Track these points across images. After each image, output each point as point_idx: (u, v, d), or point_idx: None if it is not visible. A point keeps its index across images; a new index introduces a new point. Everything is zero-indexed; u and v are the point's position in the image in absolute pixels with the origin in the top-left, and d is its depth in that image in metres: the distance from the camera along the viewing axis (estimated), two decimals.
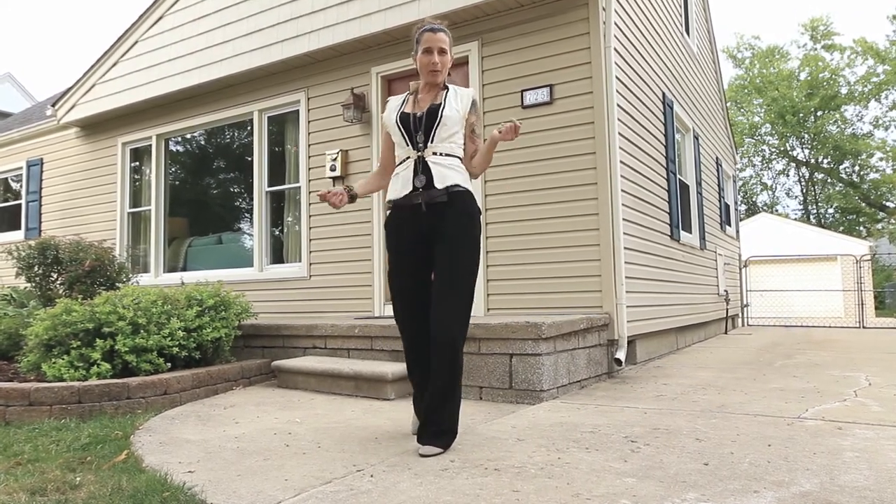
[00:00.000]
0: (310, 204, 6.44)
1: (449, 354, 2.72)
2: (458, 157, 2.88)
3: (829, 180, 35.13)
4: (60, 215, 8.78)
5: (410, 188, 2.82)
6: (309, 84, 6.54)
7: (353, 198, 2.94)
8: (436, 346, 2.75)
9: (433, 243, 2.80)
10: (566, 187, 5.03)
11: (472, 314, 2.83)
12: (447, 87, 2.94)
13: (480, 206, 5.35)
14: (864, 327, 12.75)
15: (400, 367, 4.21)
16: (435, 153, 2.83)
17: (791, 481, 2.24)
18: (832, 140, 33.19)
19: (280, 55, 6.40)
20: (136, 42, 7.63)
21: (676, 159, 7.10)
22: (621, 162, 5.04)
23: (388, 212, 2.99)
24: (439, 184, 2.79)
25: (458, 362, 2.77)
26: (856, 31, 53.34)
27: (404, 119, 2.88)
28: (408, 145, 2.86)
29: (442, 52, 2.86)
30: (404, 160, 2.89)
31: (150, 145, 7.89)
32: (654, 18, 6.64)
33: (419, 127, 2.83)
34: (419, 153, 2.83)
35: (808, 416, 3.33)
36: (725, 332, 9.73)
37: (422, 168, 2.81)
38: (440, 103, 2.86)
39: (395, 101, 3.03)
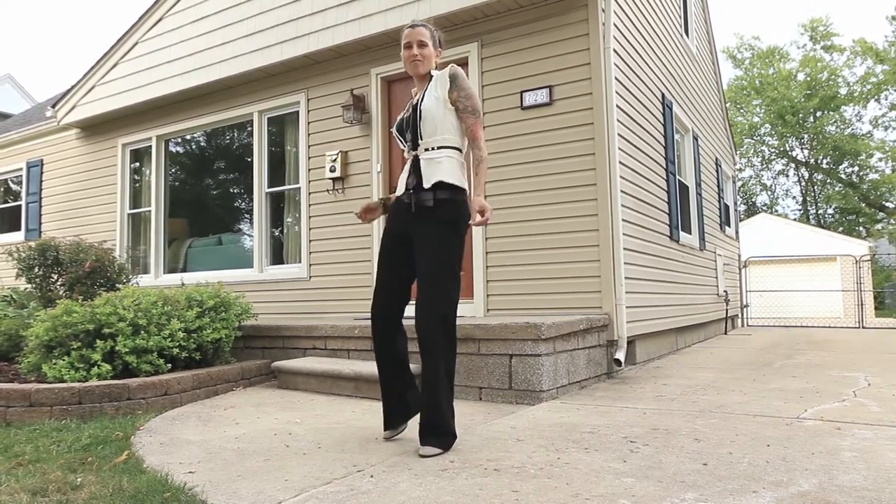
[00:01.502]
0: (310, 205, 6.44)
1: (433, 351, 2.72)
2: (452, 147, 2.83)
3: (828, 181, 35.15)
4: (60, 216, 8.79)
5: (405, 188, 2.88)
6: (309, 85, 6.55)
7: (388, 208, 3.06)
8: (421, 344, 2.77)
9: (416, 241, 2.83)
10: (566, 188, 5.04)
11: (470, 314, 2.84)
12: (431, 77, 2.93)
13: None
14: (863, 327, 12.76)
15: None
16: (427, 149, 2.83)
17: (789, 481, 2.25)
18: (831, 140, 33.21)
19: (280, 56, 6.40)
20: (136, 43, 7.64)
21: (676, 160, 7.11)
22: (621, 163, 5.05)
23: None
24: (426, 183, 2.78)
25: (444, 359, 2.75)
26: (855, 31, 53.39)
27: (399, 124, 2.96)
28: (404, 147, 2.94)
29: (421, 44, 2.88)
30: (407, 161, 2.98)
31: (150, 146, 7.90)
32: (653, 19, 6.65)
33: (407, 127, 2.88)
34: (414, 152, 2.87)
35: (807, 416, 3.34)
36: (725, 333, 9.74)
37: (414, 167, 2.86)
38: (420, 97, 2.87)
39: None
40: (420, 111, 2.82)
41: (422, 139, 2.83)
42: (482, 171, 2.81)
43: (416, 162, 2.85)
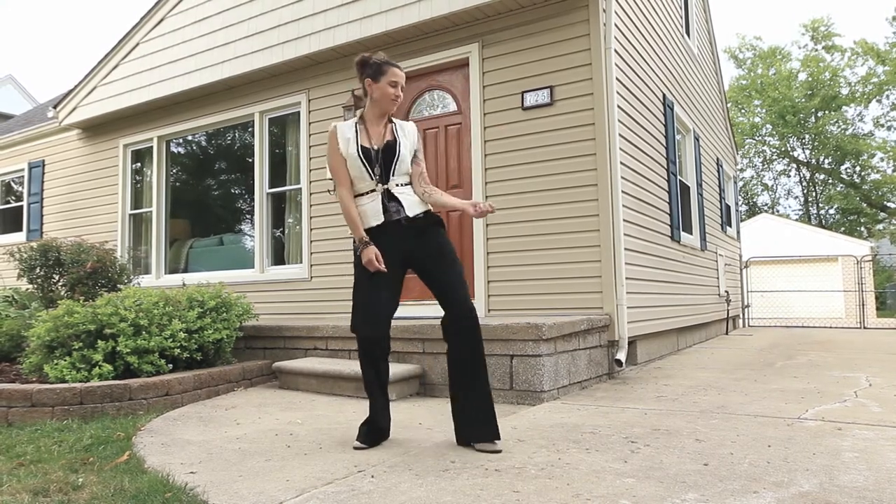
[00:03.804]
0: (311, 205, 6.45)
1: (480, 348, 2.88)
2: (411, 186, 3.08)
3: (829, 181, 35.12)
4: (62, 217, 8.80)
5: (383, 217, 2.95)
6: (310, 86, 6.56)
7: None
8: (469, 342, 2.86)
9: (418, 256, 2.97)
10: (567, 188, 5.04)
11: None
12: (391, 121, 3.11)
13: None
14: (865, 328, 12.75)
15: (401, 369, 4.23)
16: (397, 184, 3.01)
17: (790, 482, 2.25)
18: (833, 140, 33.17)
19: (281, 57, 6.41)
20: (137, 44, 7.65)
21: (677, 160, 7.11)
22: (622, 163, 5.05)
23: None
24: (411, 212, 2.98)
25: (483, 348, 2.93)
26: (856, 32, 53.35)
27: (366, 153, 2.99)
28: (372, 179, 2.98)
29: (402, 87, 3.07)
30: (368, 192, 2.99)
31: (152, 147, 7.91)
32: (654, 20, 6.65)
33: (378, 161, 2.99)
34: (384, 186, 2.98)
35: (808, 416, 3.34)
36: (726, 333, 9.73)
37: (389, 198, 2.98)
38: (394, 139, 3.04)
39: (346, 130, 3.05)
40: (399, 153, 3.01)
41: (394, 176, 3.00)
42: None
43: (389, 194, 2.98)
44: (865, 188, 33.22)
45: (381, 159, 2.98)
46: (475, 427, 2.84)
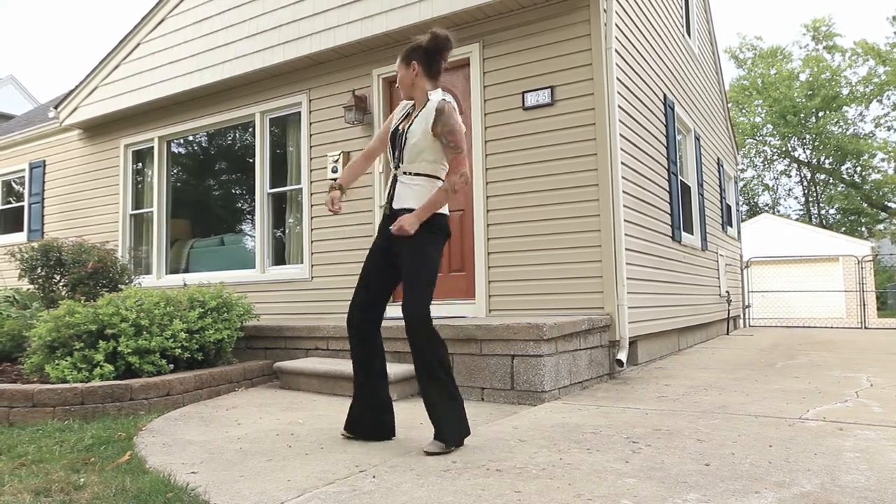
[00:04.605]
0: (312, 205, 6.45)
1: (419, 337, 2.78)
2: (427, 175, 2.90)
3: (830, 181, 35.11)
4: (63, 217, 8.80)
5: (387, 202, 3.00)
6: (311, 86, 6.56)
7: (343, 191, 3.05)
8: (408, 330, 2.82)
9: (395, 249, 2.93)
10: (568, 188, 5.04)
11: (472, 315, 2.84)
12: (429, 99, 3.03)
13: (482, 207, 5.40)
14: (866, 328, 12.74)
15: (402, 369, 4.23)
16: (406, 172, 2.94)
17: (792, 482, 2.25)
18: (834, 140, 33.16)
19: (282, 57, 6.41)
20: (138, 44, 7.65)
21: (678, 160, 7.11)
22: (622, 163, 5.05)
23: None
24: (396, 205, 2.92)
25: (433, 356, 2.79)
26: (857, 32, 53.32)
27: (394, 133, 3.01)
28: (392, 160, 3.00)
29: (398, 77, 3.04)
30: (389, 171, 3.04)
31: (153, 147, 7.91)
32: (654, 20, 6.65)
33: (396, 144, 2.97)
34: (395, 171, 2.98)
35: (809, 416, 3.34)
36: (727, 333, 9.72)
37: (393, 185, 2.98)
38: (410, 123, 2.97)
39: (399, 109, 3.11)
40: (406, 137, 2.90)
41: (403, 162, 2.94)
42: (438, 196, 2.86)
43: (395, 181, 2.98)
44: (866, 188, 33.21)
45: (398, 143, 2.95)
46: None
